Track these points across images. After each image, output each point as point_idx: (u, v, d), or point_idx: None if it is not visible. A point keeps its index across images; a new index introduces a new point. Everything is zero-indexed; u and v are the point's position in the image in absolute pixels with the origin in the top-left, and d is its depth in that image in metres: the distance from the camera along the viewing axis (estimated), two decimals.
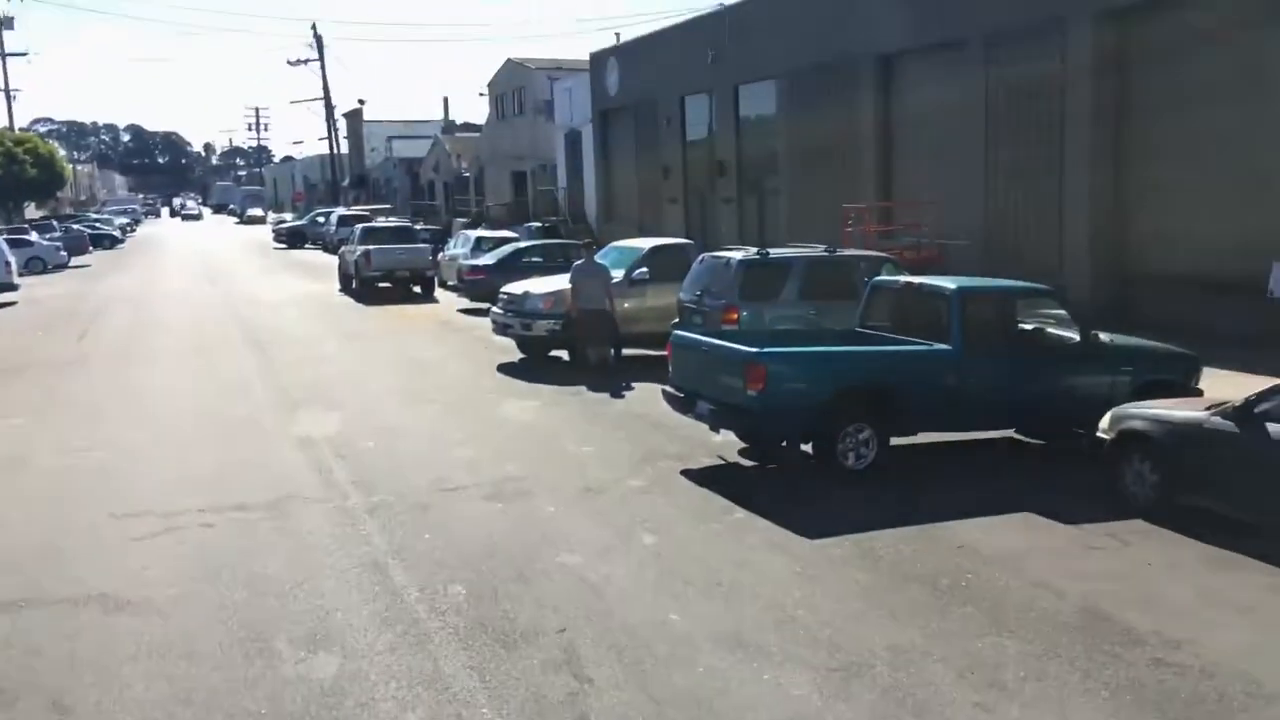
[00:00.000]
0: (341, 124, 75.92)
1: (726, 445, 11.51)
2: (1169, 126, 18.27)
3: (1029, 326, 11.40)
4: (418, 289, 29.10)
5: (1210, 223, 17.58)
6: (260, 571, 8.05)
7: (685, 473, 10.69)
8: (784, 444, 10.62)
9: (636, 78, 36.00)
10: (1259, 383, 13.77)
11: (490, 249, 28.16)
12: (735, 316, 14.32)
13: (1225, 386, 12.31)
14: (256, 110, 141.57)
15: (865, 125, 24.89)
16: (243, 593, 7.61)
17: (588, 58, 40.79)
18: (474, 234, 31.14)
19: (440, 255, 30.82)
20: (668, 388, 11.38)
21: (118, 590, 7.66)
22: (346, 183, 73.53)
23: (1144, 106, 18.73)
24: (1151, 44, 18.53)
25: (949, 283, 11.01)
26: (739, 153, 30.65)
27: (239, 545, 8.67)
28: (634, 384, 15.43)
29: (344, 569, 8.08)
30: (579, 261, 17.03)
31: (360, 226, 31.41)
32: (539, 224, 40.71)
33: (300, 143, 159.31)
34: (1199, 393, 11.43)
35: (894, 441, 10.50)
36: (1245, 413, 8.56)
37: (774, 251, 15.14)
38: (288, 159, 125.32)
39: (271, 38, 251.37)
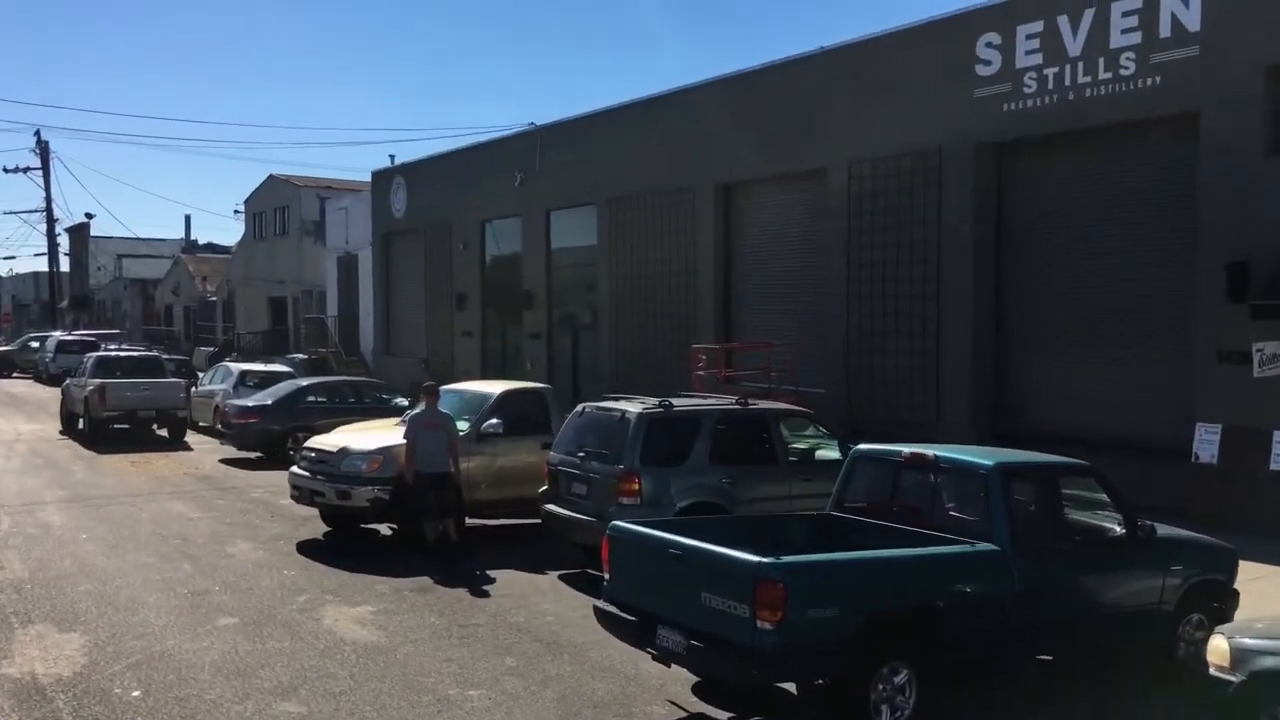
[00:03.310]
0: (64, 240, 68.10)
1: (672, 680, 8.19)
2: (1059, 268, 16.81)
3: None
4: (164, 432, 24.09)
5: (1114, 378, 16.01)
6: None
7: None
8: (798, 692, 7.36)
9: (428, 199, 32.66)
10: (1252, 569, 12.01)
11: (257, 385, 23.75)
12: (636, 485, 11.17)
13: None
14: None
15: (704, 258, 22.56)
16: None
17: (369, 176, 37.19)
18: (237, 367, 26.40)
19: (192, 391, 25.87)
20: (606, 605, 7.92)
21: None
22: (65, 303, 65.39)
23: (1030, 245, 17.27)
24: (1038, 181, 17.16)
25: (980, 457, 8.28)
26: (550, 283, 27.72)
27: None
28: (491, 572, 11.88)
29: None
30: (417, 410, 13.14)
31: (93, 356, 25.94)
32: (305, 356, 36.26)
33: (13, 258, 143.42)
34: (1237, 594, 9.24)
35: None
36: None
37: (677, 403, 12.08)
38: None
39: None
